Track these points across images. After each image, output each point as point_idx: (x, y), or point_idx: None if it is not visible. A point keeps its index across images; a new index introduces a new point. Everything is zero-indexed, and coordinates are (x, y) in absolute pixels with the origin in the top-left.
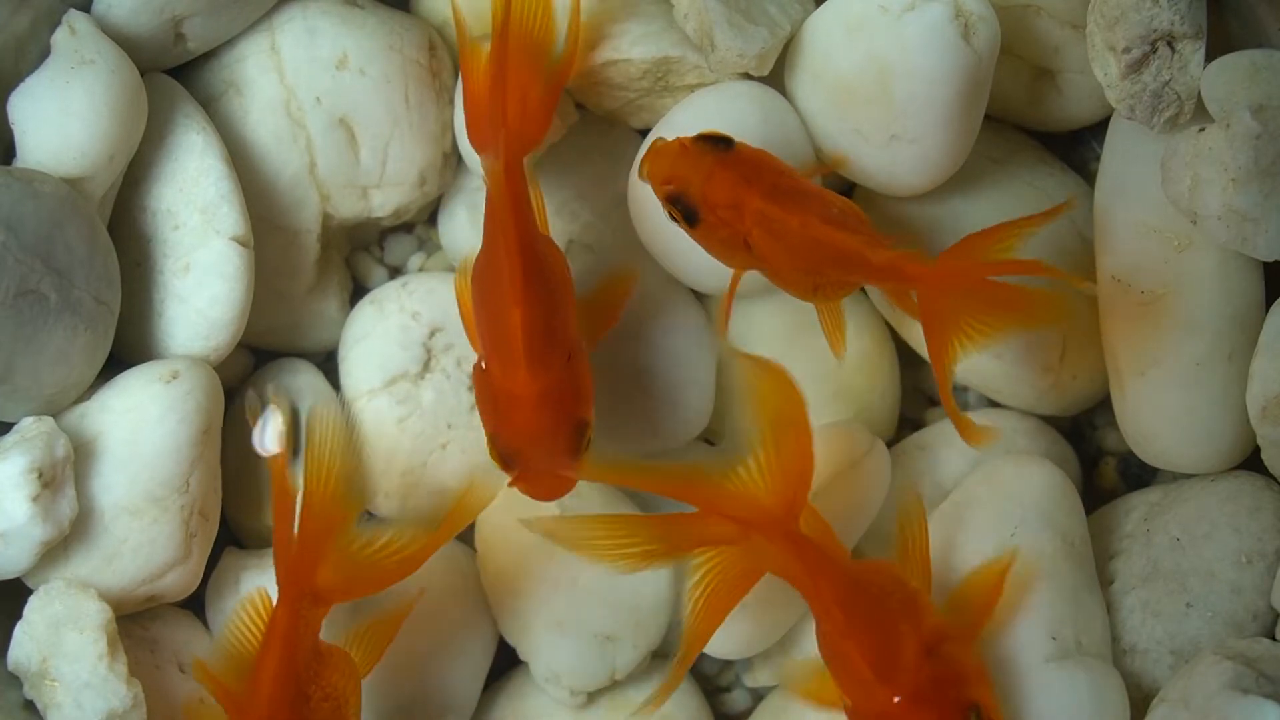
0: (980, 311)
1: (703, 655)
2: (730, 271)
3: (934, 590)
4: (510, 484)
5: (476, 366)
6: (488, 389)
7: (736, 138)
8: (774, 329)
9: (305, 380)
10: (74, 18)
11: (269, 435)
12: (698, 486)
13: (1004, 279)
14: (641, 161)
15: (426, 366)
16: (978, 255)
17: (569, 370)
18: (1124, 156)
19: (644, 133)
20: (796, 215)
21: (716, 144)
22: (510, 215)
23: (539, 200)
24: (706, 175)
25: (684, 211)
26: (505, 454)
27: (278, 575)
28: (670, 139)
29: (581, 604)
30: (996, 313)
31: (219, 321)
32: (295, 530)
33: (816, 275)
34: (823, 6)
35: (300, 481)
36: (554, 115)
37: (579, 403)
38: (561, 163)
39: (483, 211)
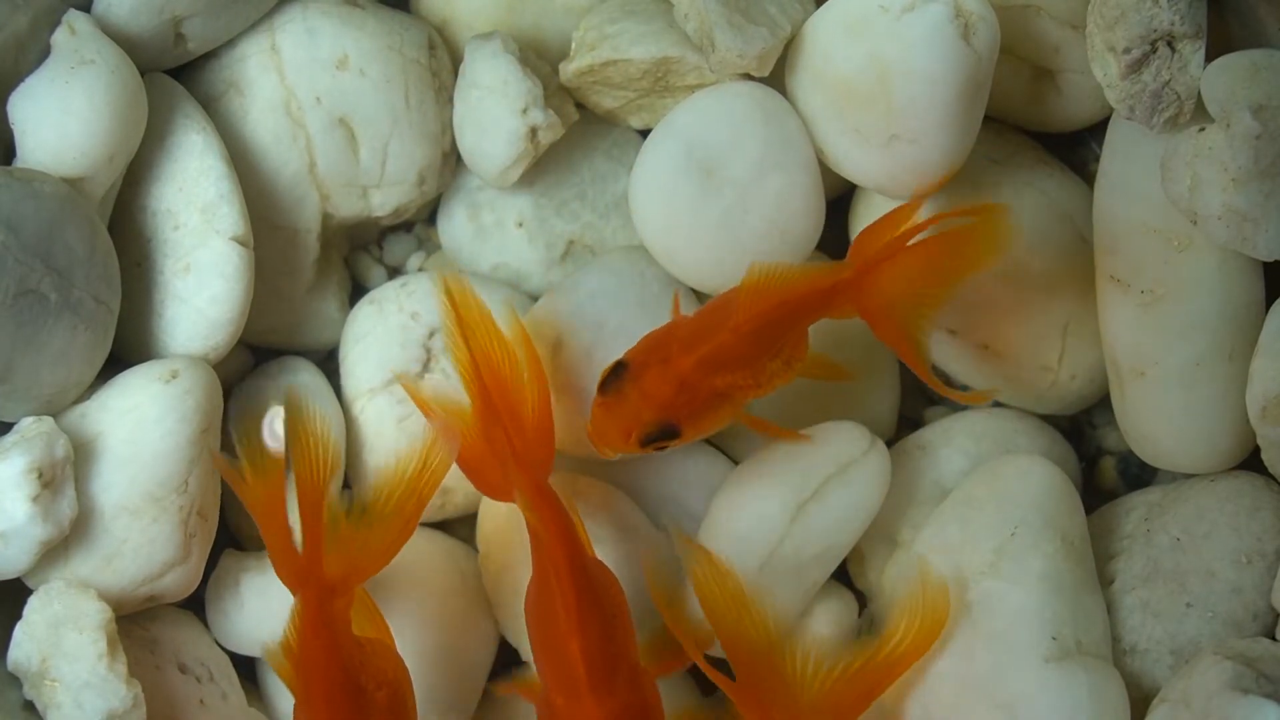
0: (916, 281)
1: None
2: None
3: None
4: None
5: (540, 700)
6: None
7: (622, 356)
8: None
9: (305, 379)
10: (74, 17)
11: (275, 427)
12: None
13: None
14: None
15: (426, 366)
16: (879, 238)
17: (635, 694)
18: (1124, 156)
19: (644, 133)
20: (721, 334)
21: (616, 373)
22: (557, 544)
23: (580, 524)
24: (640, 397)
25: (663, 436)
26: None
27: (287, 578)
28: (596, 406)
29: None
30: (931, 272)
31: (219, 321)
32: (292, 527)
33: (780, 352)
34: (823, 7)
35: (290, 478)
36: (553, 420)
37: None
38: (561, 163)
39: (482, 211)
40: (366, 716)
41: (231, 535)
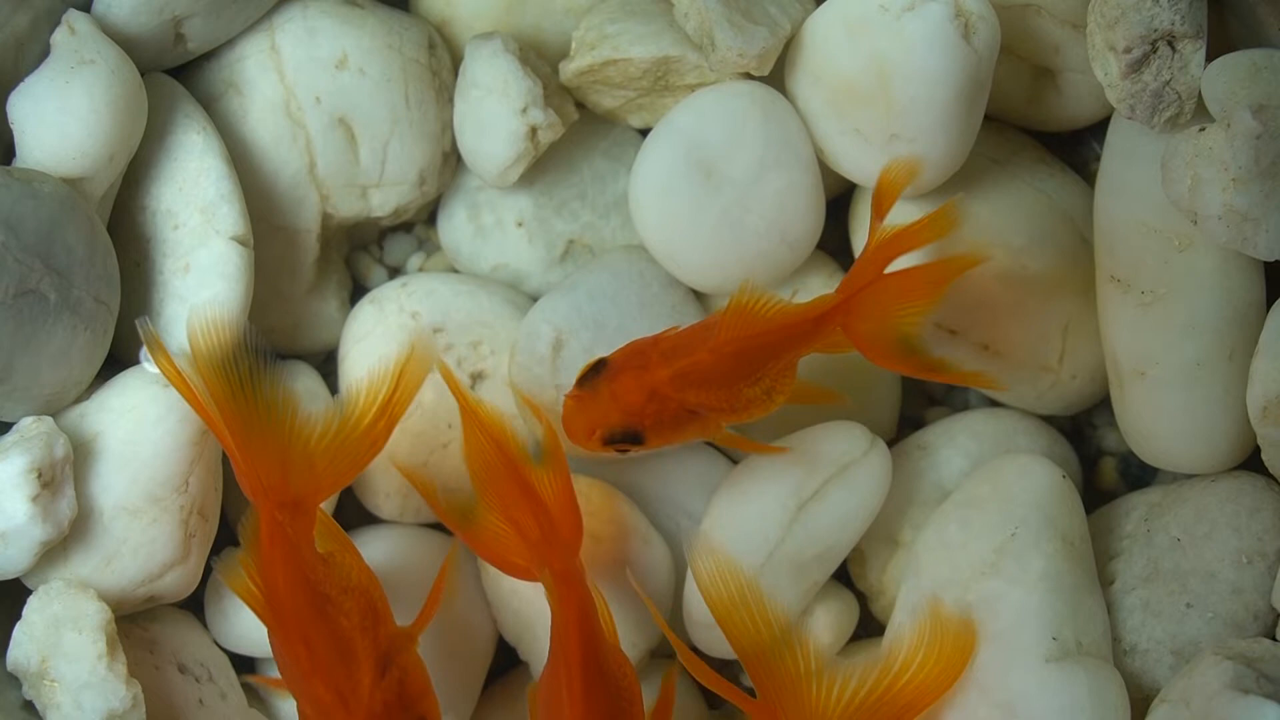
0: (900, 299)
1: (702, 655)
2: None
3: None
4: None
5: None
6: None
7: (605, 354)
8: None
9: (303, 383)
10: (74, 17)
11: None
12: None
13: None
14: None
15: None
16: (868, 272)
17: None
18: (1124, 156)
19: (644, 132)
20: (700, 352)
21: (595, 371)
22: (574, 637)
23: (606, 613)
24: (611, 398)
25: (626, 440)
26: None
27: (248, 493)
28: (568, 398)
29: None
30: (913, 288)
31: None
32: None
33: (761, 381)
34: (823, 6)
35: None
36: (577, 501)
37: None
38: (561, 162)
39: (482, 211)
40: (338, 624)
41: (231, 535)
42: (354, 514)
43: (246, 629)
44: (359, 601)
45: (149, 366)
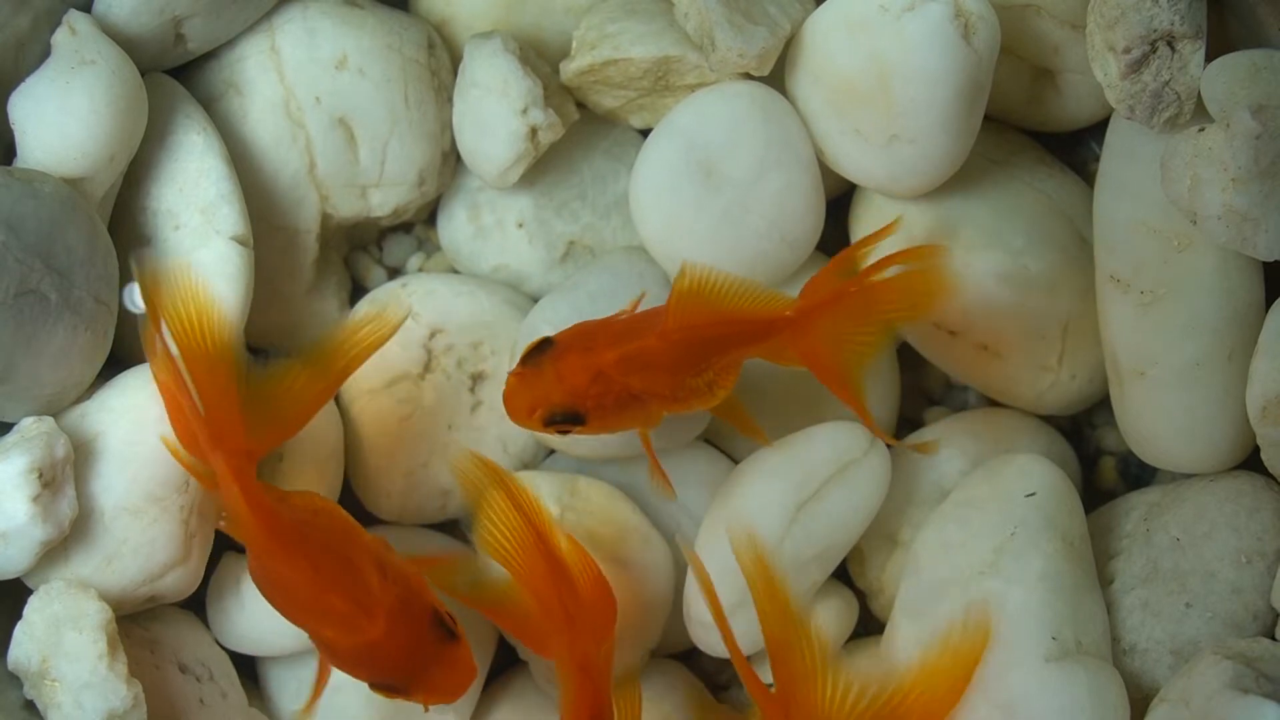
0: (856, 325)
1: (702, 654)
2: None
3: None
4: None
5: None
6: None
7: (551, 331)
8: None
9: None
10: (74, 18)
11: (136, 299)
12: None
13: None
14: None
15: (427, 367)
16: (827, 285)
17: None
18: (1124, 156)
19: (644, 132)
20: (649, 338)
21: (540, 349)
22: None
23: (636, 700)
24: (555, 378)
25: (566, 420)
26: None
27: (201, 443)
28: (511, 375)
29: None
30: (871, 317)
31: None
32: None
33: (705, 373)
34: (823, 6)
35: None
36: (608, 584)
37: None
38: (562, 162)
39: (482, 212)
40: (326, 542)
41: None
42: (354, 514)
43: (248, 629)
44: (333, 521)
45: (135, 304)
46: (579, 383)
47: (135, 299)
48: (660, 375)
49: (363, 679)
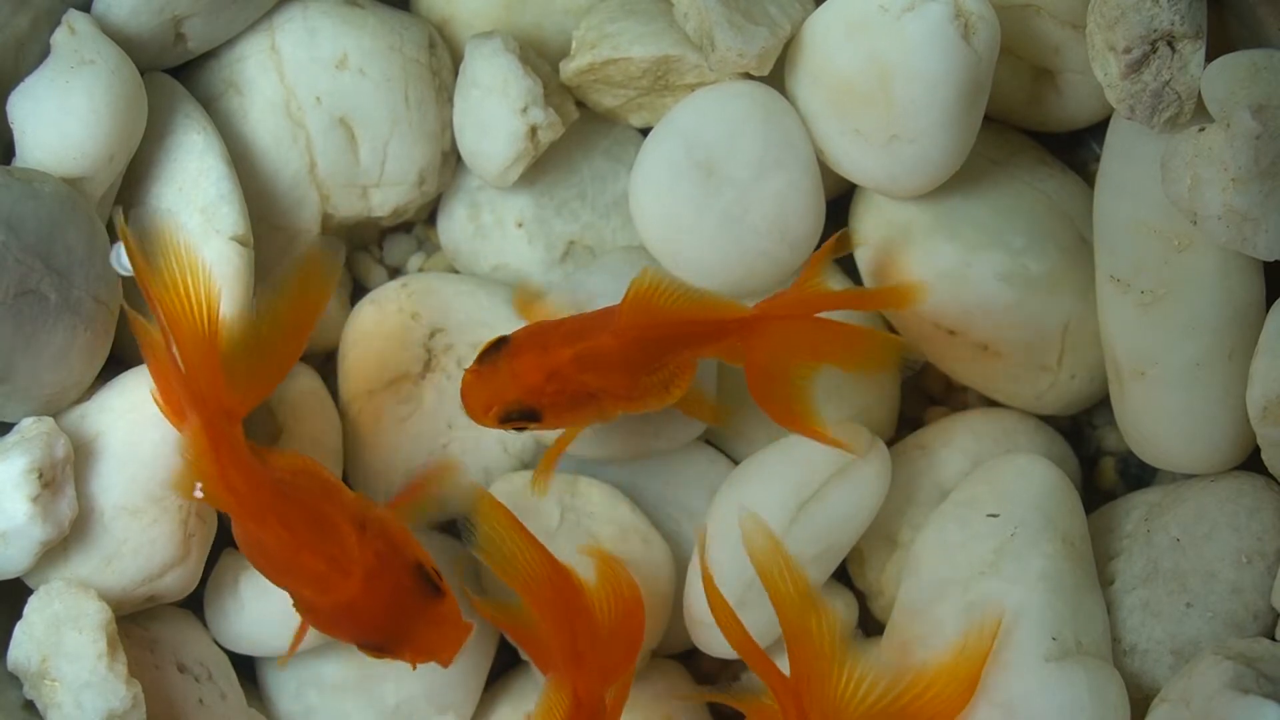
0: (803, 351)
1: (702, 655)
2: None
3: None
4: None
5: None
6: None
7: (508, 330)
8: None
9: (302, 384)
10: (74, 17)
11: (122, 255)
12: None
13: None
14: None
15: (427, 366)
16: (794, 298)
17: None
18: (1124, 156)
19: (644, 131)
20: (603, 336)
21: (495, 348)
22: None
23: None
24: (511, 375)
25: (522, 417)
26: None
27: (184, 402)
28: (468, 373)
29: None
30: (819, 351)
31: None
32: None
33: (659, 371)
34: (823, 6)
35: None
36: (639, 618)
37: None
38: (561, 162)
39: (482, 211)
40: (304, 501)
41: (232, 535)
42: None
43: (247, 629)
44: (312, 480)
45: (121, 265)
46: (534, 380)
47: (122, 259)
48: (615, 373)
49: (346, 639)
